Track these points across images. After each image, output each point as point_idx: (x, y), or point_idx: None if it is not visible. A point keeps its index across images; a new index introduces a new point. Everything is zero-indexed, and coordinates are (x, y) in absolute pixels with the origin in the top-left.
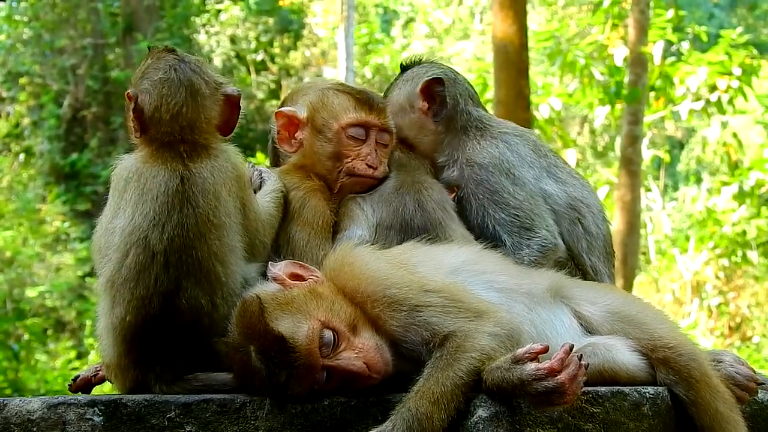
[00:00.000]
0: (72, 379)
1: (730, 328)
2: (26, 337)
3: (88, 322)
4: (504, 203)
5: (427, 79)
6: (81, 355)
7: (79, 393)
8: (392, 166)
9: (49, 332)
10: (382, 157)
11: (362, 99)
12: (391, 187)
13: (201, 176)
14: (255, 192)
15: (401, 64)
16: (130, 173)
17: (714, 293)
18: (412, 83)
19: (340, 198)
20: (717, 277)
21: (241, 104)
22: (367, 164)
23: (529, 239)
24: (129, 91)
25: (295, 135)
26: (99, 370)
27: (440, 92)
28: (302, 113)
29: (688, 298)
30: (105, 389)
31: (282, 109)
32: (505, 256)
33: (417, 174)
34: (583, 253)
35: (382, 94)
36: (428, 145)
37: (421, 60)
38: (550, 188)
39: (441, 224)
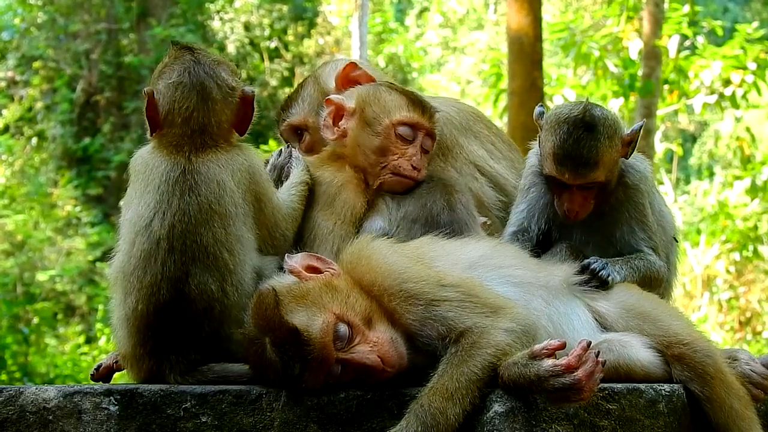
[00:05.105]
0: (95, 368)
1: (740, 322)
2: (36, 321)
3: (99, 307)
4: None
5: None
6: (90, 340)
7: (101, 382)
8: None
9: (59, 316)
10: (424, 161)
11: (416, 100)
12: (423, 186)
13: (205, 166)
14: (282, 171)
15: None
16: (139, 165)
17: (725, 287)
18: None
19: (376, 193)
20: (728, 272)
21: (254, 105)
22: (412, 165)
23: None
24: (146, 88)
25: (339, 123)
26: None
27: None
28: (350, 103)
29: (698, 292)
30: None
31: (330, 96)
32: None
33: (449, 180)
34: None
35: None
36: None
37: None
38: None
39: (466, 225)
